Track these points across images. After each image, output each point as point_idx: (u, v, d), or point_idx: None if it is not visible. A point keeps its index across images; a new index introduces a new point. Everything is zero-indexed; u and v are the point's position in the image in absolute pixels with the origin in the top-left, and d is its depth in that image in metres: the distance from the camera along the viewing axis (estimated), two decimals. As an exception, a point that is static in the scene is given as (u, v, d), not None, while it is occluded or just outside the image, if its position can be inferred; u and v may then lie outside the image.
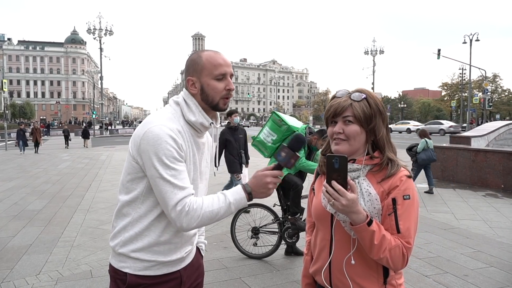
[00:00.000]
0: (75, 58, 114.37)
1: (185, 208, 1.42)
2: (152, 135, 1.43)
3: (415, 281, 3.98)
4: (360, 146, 1.42)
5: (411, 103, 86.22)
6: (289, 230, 4.62)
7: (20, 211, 7.17)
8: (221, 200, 1.47)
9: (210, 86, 1.53)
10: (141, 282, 1.52)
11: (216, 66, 1.53)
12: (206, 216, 1.44)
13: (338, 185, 1.29)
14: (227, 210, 1.47)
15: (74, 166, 14.29)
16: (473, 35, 37.12)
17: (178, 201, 1.42)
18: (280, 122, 4.71)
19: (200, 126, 1.57)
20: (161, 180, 1.42)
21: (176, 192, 1.42)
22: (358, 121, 1.38)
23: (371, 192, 1.37)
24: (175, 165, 1.43)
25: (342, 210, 1.29)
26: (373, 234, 1.29)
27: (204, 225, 1.48)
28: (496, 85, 66.24)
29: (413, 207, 1.36)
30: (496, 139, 13.03)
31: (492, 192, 8.81)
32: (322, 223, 1.49)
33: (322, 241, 1.49)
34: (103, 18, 40.07)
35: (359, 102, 1.39)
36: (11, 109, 61.00)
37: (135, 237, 1.52)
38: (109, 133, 43.97)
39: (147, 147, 1.43)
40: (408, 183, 1.37)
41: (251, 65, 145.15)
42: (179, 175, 1.44)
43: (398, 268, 1.36)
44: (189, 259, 1.67)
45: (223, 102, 1.57)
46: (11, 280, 4.02)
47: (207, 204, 1.45)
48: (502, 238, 5.46)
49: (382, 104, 1.44)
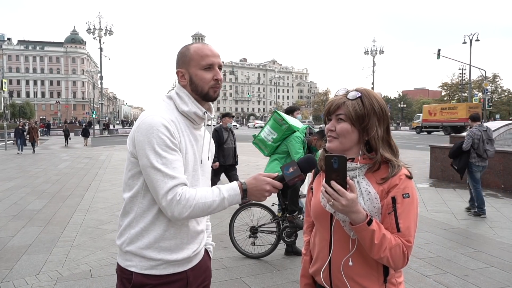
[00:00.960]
0: (75, 58, 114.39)
1: (176, 197, 1.42)
2: (145, 126, 1.46)
3: (415, 281, 3.98)
4: (352, 144, 1.42)
5: (411, 103, 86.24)
6: (287, 229, 4.63)
7: (20, 211, 7.16)
8: (215, 193, 1.47)
9: (198, 76, 1.57)
10: (146, 281, 1.51)
11: (203, 57, 1.56)
12: (198, 207, 1.44)
13: (337, 185, 1.28)
14: (220, 204, 1.47)
15: (74, 166, 14.28)
16: (473, 35, 37.18)
17: (168, 190, 1.42)
18: (281, 121, 4.78)
19: (194, 116, 1.58)
20: (152, 169, 1.43)
21: (167, 180, 1.42)
22: (349, 120, 1.39)
23: (371, 191, 1.36)
24: (167, 154, 1.44)
25: (342, 210, 1.29)
26: (373, 233, 1.28)
27: (197, 216, 1.47)
28: (496, 85, 66.19)
29: (412, 205, 1.36)
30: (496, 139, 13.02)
31: (492, 192, 8.81)
32: (321, 222, 1.49)
33: (322, 241, 1.49)
34: (103, 18, 40.11)
35: (353, 101, 1.39)
36: (11, 109, 60.91)
37: (141, 232, 1.52)
38: (108, 133, 43.96)
39: (140, 138, 1.46)
40: (407, 182, 1.37)
41: (251, 65, 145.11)
42: (171, 164, 1.44)
43: (398, 267, 1.36)
44: (196, 260, 1.66)
45: (212, 91, 1.60)
46: (11, 280, 4.02)
47: (200, 195, 1.45)
48: (502, 238, 5.45)
49: (381, 105, 1.41)
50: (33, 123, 25.00)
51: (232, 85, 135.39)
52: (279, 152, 4.91)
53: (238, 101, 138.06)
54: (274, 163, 4.86)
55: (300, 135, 4.79)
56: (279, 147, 4.91)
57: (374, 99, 1.40)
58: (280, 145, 4.90)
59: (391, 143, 1.44)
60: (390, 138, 1.44)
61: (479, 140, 6.65)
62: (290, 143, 4.76)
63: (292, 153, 4.70)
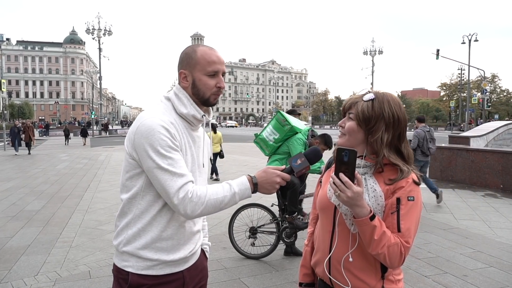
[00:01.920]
0: (74, 58, 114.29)
1: (188, 195, 1.42)
2: (145, 128, 1.45)
3: (415, 281, 3.98)
4: (358, 143, 1.45)
5: (410, 104, 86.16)
6: (287, 230, 4.61)
7: (19, 211, 7.14)
8: (225, 189, 1.48)
9: (202, 81, 1.56)
10: (143, 282, 1.51)
11: (210, 63, 1.55)
12: (210, 204, 1.45)
13: (345, 177, 1.32)
14: (231, 199, 1.48)
15: (73, 166, 14.26)
16: (472, 35, 37.21)
17: (179, 188, 1.42)
18: (284, 122, 4.75)
19: (192, 119, 1.58)
20: (159, 170, 1.42)
21: (176, 179, 1.42)
22: (357, 119, 1.43)
23: (376, 189, 1.40)
24: (171, 154, 1.44)
25: (347, 202, 1.32)
26: (374, 229, 1.31)
27: (209, 213, 1.48)
28: (494, 85, 66.33)
29: (416, 208, 1.38)
30: (495, 139, 13.05)
31: (491, 192, 8.82)
32: (325, 214, 1.53)
33: (324, 233, 1.52)
34: (102, 18, 40.13)
35: (364, 102, 1.43)
36: (10, 109, 60.85)
37: (138, 233, 1.52)
38: (108, 133, 43.92)
39: (141, 140, 1.44)
40: (414, 186, 1.39)
41: (250, 65, 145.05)
42: (176, 164, 1.44)
43: (394, 266, 1.38)
44: (193, 260, 1.66)
45: (213, 98, 1.60)
46: (9, 281, 4.01)
47: (211, 192, 1.46)
48: (501, 238, 5.46)
49: (394, 111, 1.42)
50: (29, 122, 22.84)
51: (231, 85, 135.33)
52: (280, 152, 4.87)
53: (237, 101, 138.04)
54: (274, 163, 4.83)
55: (302, 137, 4.74)
56: (280, 148, 4.87)
57: (386, 105, 1.42)
58: (281, 145, 4.87)
59: (402, 151, 1.45)
60: (401, 145, 1.45)
61: (423, 140, 7.58)
62: (291, 145, 4.73)
63: (293, 154, 4.67)
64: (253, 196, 1.59)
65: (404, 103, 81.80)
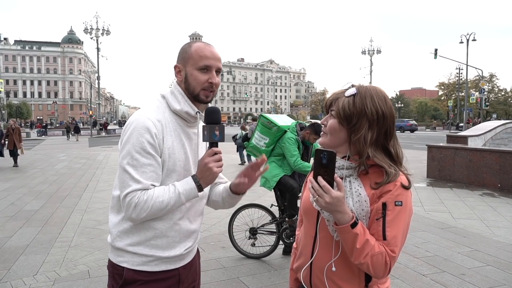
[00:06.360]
0: (72, 58, 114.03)
1: (134, 200, 1.43)
2: (130, 126, 1.49)
3: (413, 280, 4.00)
4: (341, 143, 1.35)
5: (408, 103, 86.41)
6: (287, 231, 4.60)
7: (17, 211, 7.14)
8: (171, 190, 1.48)
9: (192, 76, 1.55)
10: (137, 277, 1.52)
11: (202, 58, 1.54)
12: (156, 207, 1.45)
13: (323, 181, 1.22)
14: (177, 200, 1.48)
15: (71, 166, 14.24)
16: (470, 34, 37.31)
17: (128, 192, 1.44)
18: (270, 124, 4.61)
19: (186, 115, 1.57)
20: (121, 168, 1.47)
21: (131, 183, 1.44)
22: (338, 117, 1.33)
23: (361, 193, 1.29)
24: (140, 156, 1.45)
25: (326, 207, 1.23)
26: (356, 237, 1.22)
27: (155, 215, 1.48)
28: (492, 84, 66.44)
29: (404, 214, 1.27)
30: (493, 138, 13.06)
31: (489, 192, 8.85)
32: (308, 218, 1.45)
33: (307, 237, 1.45)
34: (100, 18, 39.87)
35: (346, 98, 1.32)
36: (8, 109, 60.67)
37: (130, 230, 1.53)
38: (106, 133, 43.86)
39: (124, 137, 1.50)
40: (402, 189, 1.28)
41: (248, 64, 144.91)
42: (141, 168, 1.45)
43: (379, 276, 1.28)
44: (189, 258, 1.67)
45: (204, 94, 1.57)
46: (8, 281, 4.01)
47: (157, 194, 1.46)
48: (499, 237, 5.48)
49: (377, 107, 1.30)
50: (13, 122, 15.50)
51: (229, 85, 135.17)
52: (275, 154, 4.72)
53: (235, 101, 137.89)
54: (271, 165, 4.73)
55: (292, 135, 4.60)
56: (274, 150, 4.72)
57: (368, 100, 1.30)
58: (274, 147, 4.74)
59: (390, 150, 1.33)
60: (388, 144, 1.33)
61: None
62: (284, 146, 4.57)
63: (288, 156, 4.52)
64: (253, 196, 1.60)
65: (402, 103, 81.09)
